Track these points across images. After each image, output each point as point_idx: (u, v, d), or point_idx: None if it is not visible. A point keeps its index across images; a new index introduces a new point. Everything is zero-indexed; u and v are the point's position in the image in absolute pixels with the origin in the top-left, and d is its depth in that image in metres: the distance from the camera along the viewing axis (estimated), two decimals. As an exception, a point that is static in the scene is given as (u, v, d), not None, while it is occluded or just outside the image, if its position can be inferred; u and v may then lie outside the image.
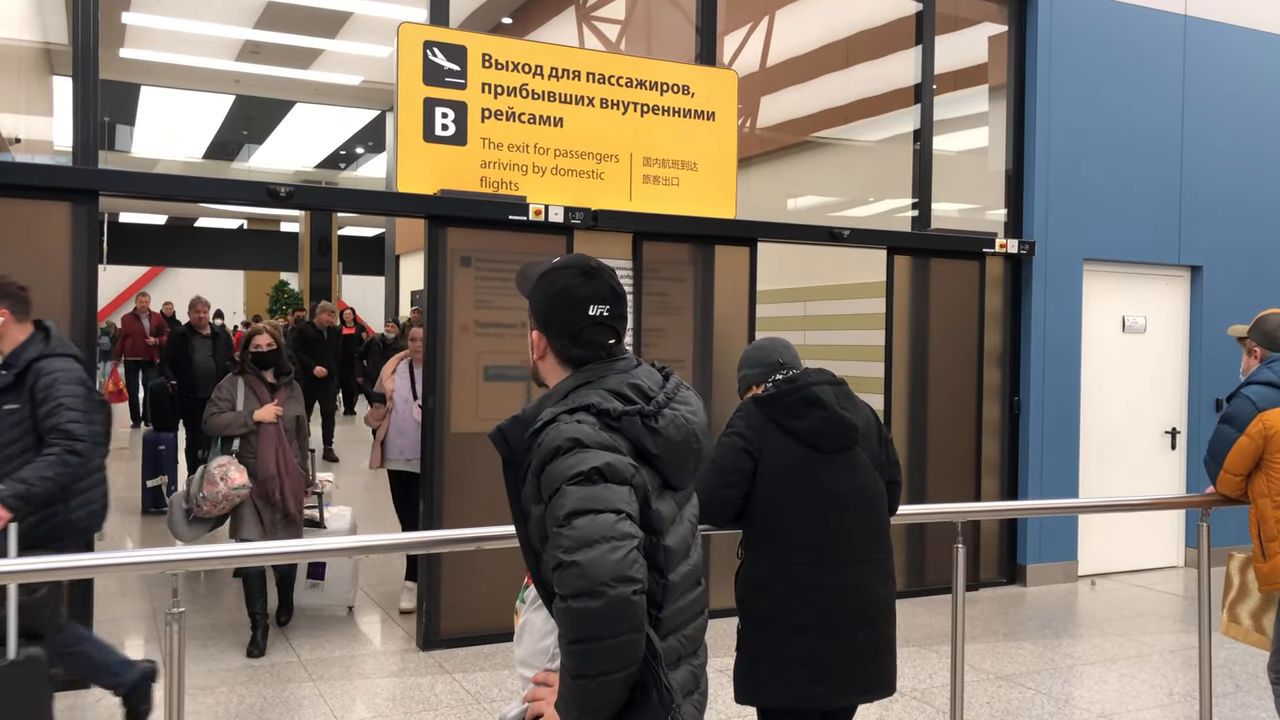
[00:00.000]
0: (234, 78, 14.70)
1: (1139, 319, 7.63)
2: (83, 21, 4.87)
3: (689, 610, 1.98)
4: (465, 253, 5.62)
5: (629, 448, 1.84)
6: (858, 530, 2.89)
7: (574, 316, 1.95)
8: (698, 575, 2.02)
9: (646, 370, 2.01)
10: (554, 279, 1.99)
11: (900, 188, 7.42)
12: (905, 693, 4.93)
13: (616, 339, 1.99)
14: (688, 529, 2.00)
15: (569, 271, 1.98)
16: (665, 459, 1.89)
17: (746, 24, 9.28)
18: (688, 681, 1.95)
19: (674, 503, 1.95)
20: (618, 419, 1.84)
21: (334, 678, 5.04)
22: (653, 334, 6.06)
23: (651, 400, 1.91)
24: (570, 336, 1.95)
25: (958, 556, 3.67)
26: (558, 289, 1.97)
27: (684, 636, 1.95)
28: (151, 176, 5.31)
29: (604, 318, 1.95)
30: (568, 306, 1.95)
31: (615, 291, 1.99)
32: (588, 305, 1.94)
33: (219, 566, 6.48)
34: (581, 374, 1.95)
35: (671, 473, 1.91)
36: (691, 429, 1.93)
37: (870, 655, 2.85)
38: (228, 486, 5.09)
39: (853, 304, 8.52)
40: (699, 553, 2.05)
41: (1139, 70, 7.50)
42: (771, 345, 3.14)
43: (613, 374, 1.94)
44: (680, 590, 1.93)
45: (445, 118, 5.54)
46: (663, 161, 6.05)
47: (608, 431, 1.83)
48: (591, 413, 1.84)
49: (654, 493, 1.88)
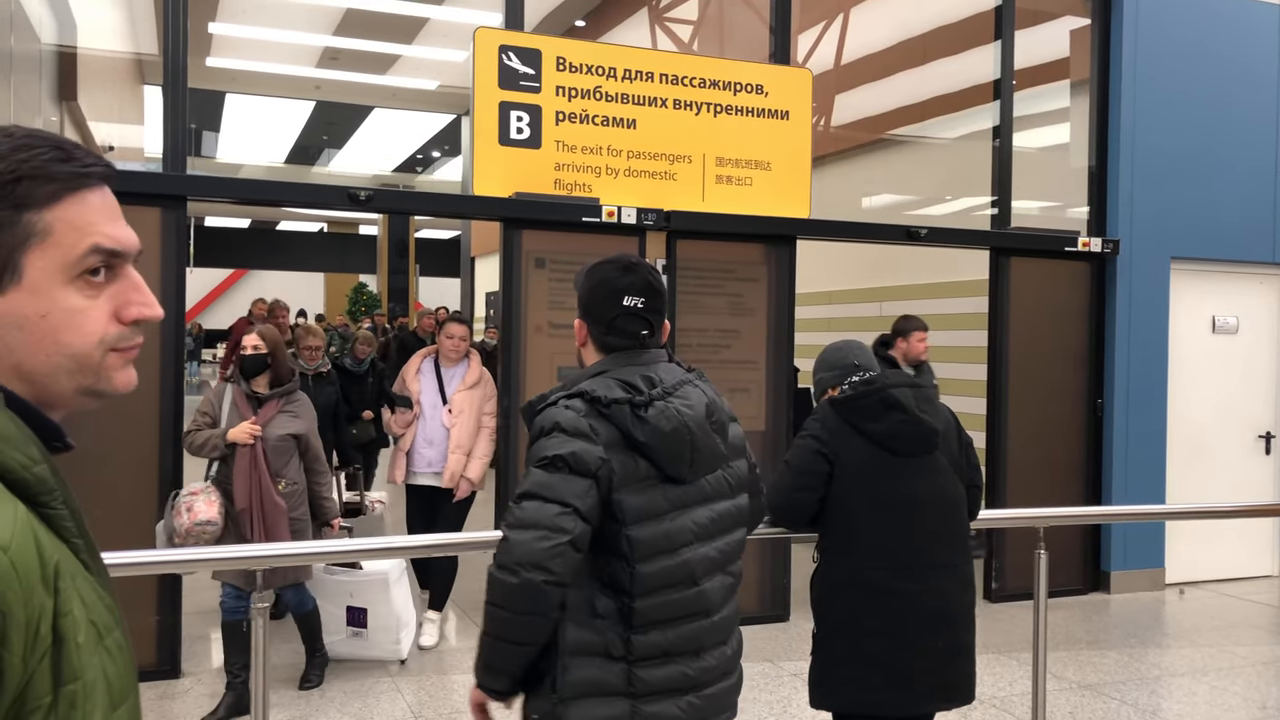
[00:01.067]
0: (314, 84, 15.05)
1: (1230, 319, 7.37)
2: (172, 32, 5.03)
3: (681, 607, 1.97)
4: (539, 254, 5.67)
5: (617, 435, 1.93)
6: (936, 535, 2.84)
7: (611, 306, 2.07)
8: (694, 575, 1.99)
9: (669, 366, 2.10)
10: (596, 272, 2.13)
11: (979, 185, 7.28)
12: (985, 700, 4.83)
13: (650, 330, 2.10)
14: (683, 526, 1.99)
15: (610, 266, 2.13)
16: (654, 448, 1.95)
17: (821, 22, 9.21)
18: (674, 681, 1.96)
19: (665, 497, 1.98)
20: (608, 406, 1.94)
21: (411, 674, 5.12)
22: (729, 335, 6.04)
23: (655, 390, 1.99)
24: (606, 324, 2.08)
25: (1040, 563, 3.59)
26: (598, 280, 2.11)
27: (676, 634, 1.96)
28: (237, 181, 5.46)
29: (638, 309, 2.08)
30: (606, 297, 2.09)
31: (651, 286, 2.10)
32: (623, 296, 2.07)
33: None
34: (605, 361, 2.08)
35: (665, 463, 1.97)
36: (683, 420, 1.98)
37: (949, 661, 2.81)
38: (190, 520, 4.26)
39: (929, 304, 8.40)
40: (715, 556, 2.03)
41: (1229, 62, 7.25)
42: (847, 348, 3.10)
43: (633, 364, 2.05)
44: (661, 584, 1.95)
45: (520, 121, 5.59)
46: (736, 161, 6.02)
47: (597, 418, 1.93)
48: (585, 399, 1.96)
49: (633, 483, 1.94)
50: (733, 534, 2.11)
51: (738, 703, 2.15)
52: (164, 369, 4.95)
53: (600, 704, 1.92)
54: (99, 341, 0.96)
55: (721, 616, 2.05)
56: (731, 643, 2.10)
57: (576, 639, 1.94)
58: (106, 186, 1.00)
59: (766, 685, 5.02)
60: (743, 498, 2.17)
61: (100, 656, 0.89)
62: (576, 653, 1.94)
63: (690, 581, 1.99)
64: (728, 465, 2.11)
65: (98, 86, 9.36)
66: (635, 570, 1.93)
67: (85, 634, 0.87)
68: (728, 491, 2.10)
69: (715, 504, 2.06)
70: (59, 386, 0.96)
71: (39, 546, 0.85)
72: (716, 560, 2.05)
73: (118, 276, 0.99)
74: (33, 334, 0.94)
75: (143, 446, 4.92)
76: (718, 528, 2.06)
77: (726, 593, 2.07)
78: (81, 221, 0.95)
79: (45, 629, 0.84)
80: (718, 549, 2.05)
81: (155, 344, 4.91)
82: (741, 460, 2.19)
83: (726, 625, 2.07)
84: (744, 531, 2.18)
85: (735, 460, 2.15)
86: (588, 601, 1.95)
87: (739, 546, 2.15)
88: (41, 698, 0.83)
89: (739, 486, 2.15)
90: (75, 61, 8.19)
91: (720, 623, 2.04)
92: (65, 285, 0.95)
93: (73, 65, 8.10)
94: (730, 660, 2.08)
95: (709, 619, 2.01)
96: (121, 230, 0.99)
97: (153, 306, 1.00)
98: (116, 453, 4.83)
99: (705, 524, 2.03)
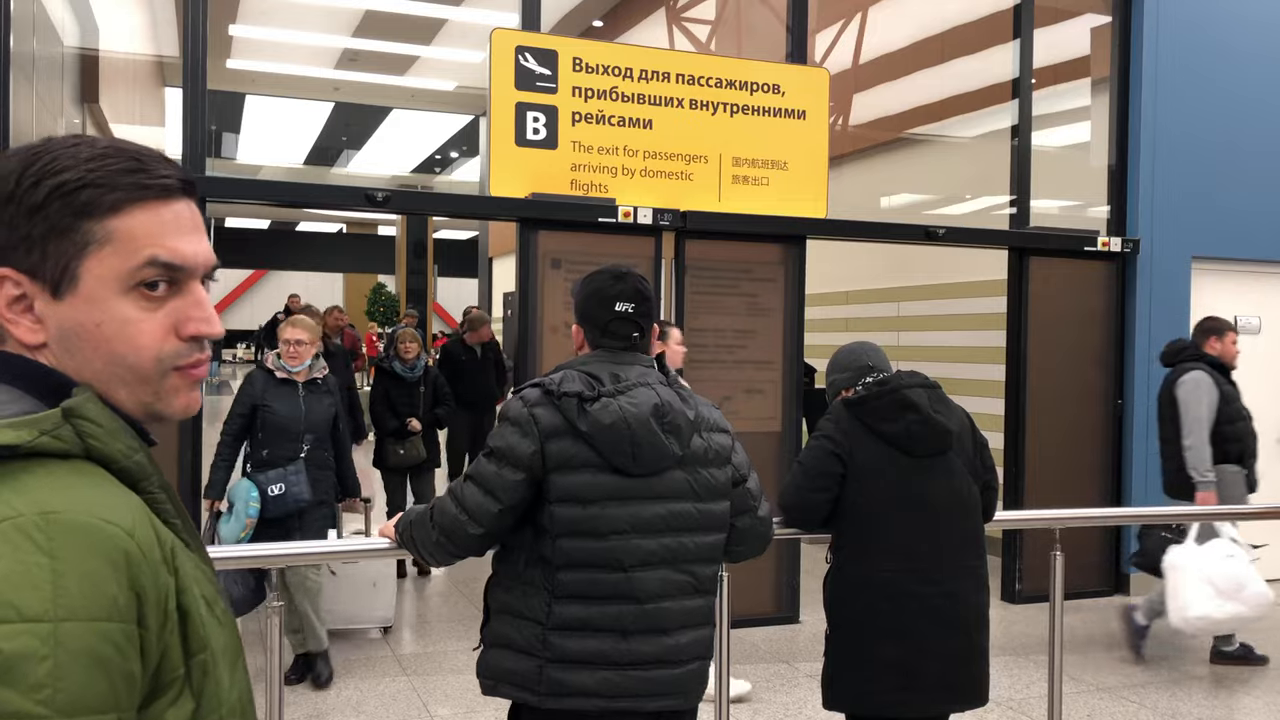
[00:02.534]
0: (333, 85, 15.11)
1: (1253, 319, 7.30)
2: (192, 33, 5.06)
3: (605, 587, 2.13)
4: (556, 255, 5.67)
5: (564, 423, 2.13)
6: (950, 536, 2.83)
7: (605, 311, 2.28)
8: (622, 562, 2.13)
9: (641, 369, 2.26)
10: (590, 282, 2.34)
11: (998, 185, 7.24)
12: (1001, 702, 4.81)
13: (640, 333, 2.30)
14: (621, 515, 2.14)
15: (603, 275, 2.33)
16: (595, 438, 2.13)
17: (839, 21, 9.18)
18: (592, 654, 2.12)
19: (607, 485, 2.13)
20: (559, 399, 2.15)
21: (427, 673, 5.14)
22: (744, 335, 6.04)
23: (609, 388, 2.17)
24: (600, 328, 2.29)
25: (1056, 564, 3.57)
26: (592, 289, 2.32)
27: (598, 611, 2.13)
28: (258, 183, 5.49)
29: (629, 314, 2.28)
30: (600, 304, 2.29)
31: (641, 293, 2.30)
32: (614, 302, 2.28)
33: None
34: (591, 355, 2.28)
35: (606, 452, 2.13)
36: (622, 416, 2.13)
37: (962, 663, 2.79)
38: None
39: (947, 304, 8.36)
40: (656, 550, 2.16)
41: (1251, 59, 7.18)
42: (860, 349, 3.09)
43: (607, 362, 2.25)
44: (583, 561, 2.12)
45: (536, 122, 5.60)
46: (752, 161, 6.01)
47: (547, 407, 2.15)
48: (542, 389, 2.18)
49: (572, 467, 2.13)
50: (696, 536, 2.22)
51: (698, 693, 2.27)
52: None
53: (511, 657, 2.16)
54: (156, 356, 0.96)
55: (657, 607, 2.16)
56: (677, 635, 2.19)
57: (500, 600, 2.23)
58: (186, 199, 0.99)
59: (782, 686, 5.01)
60: (718, 504, 2.27)
61: (213, 625, 0.95)
62: (499, 611, 2.22)
63: (617, 566, 2.14)
64: (695, 470, 2.22)
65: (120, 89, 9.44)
66: (556, 544, 2.13)
67: (202, 607, 0.93)
68: (691, 494, 2.22)
69: (671, 503, 2.19)
70: (118, 397, 0.97)
71: (155, 529, 0.91)
72: (659, 554, 2.17)
73: (181, 291, 0.98)
74: (88, 341, 0.95)
75: (163, 447, 4.96)
76: (668, 525, 2.18)
77: (671, 587, 2.18)
78: (142, 232, 0.95)
79: (171, 606, 0.89)
80: (663, 545, 2.18)
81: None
82: (723, 469, 2.29)
83: (665, 616, 2.18)
84: (716, 538, 2.28)
85: (709, 467, 2.25)
86: (516, 568, 2.19)
87: (705, 550, 2.25)
88: (176, 669, 0.89)
89: (713, 493, 2.26)
90: (97, 64, 8.26)
91: (654, 612, 2.16)
92: (121, 295, 0.95)
93: (95, 68, 8.17)
94: (674, 650, 2.19)
95: (637, 605, 2.14)
96: (188, 244, 0.98)
97: (212, 324, 1.00)
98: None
99: (651, 519, 2.17)
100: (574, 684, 2.11)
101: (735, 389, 6.03)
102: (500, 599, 2.23)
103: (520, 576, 2.18)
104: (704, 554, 2.24)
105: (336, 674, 5.01)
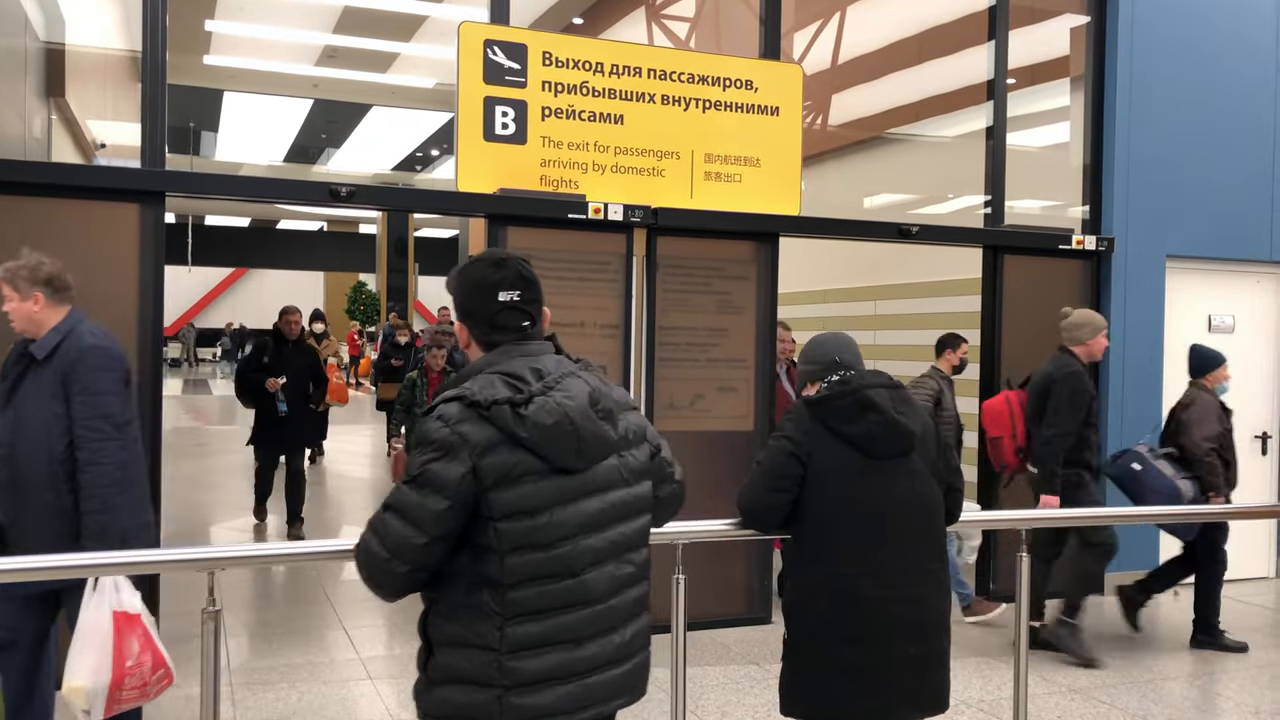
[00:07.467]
0: (313, 82, 15.01)
1: (1226, 318, 7.30)
2: (151, 25, 4.97)
3: (559, 598, 2.00)
4: (525, 252, 5.57)
5: (499, 435, 1.95)
6: (911, 539, 2.77)
7: (489, 303, 2.12)
8: (573, 567, 2.01)
9: (556, 359, 2.12)
10: (467, 272, 2.16)
11: (976, 184, 7.21)
12: (972, 704, 4.76)
13: (531, 321, 2.15)
14: (568, 518, 2.01)
15: (480, 264, 2.16)
16: (538, 442, 1.97)
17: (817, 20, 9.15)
18: (552, 670, 2.00)
19: (553, 490, 2.00)
20: (488, 408, 1.96)
21: (392, 676, 5.06)
22: (716, 333, 5.98)
23: (537, 385, 2.02)
24: (487, 322, 2.12)
25: (1022, 565, 3.53)
26: (471, 280, 2.15)
27: (553, 624, 2.00)
28: (217, 177, 5.40)
29: (515, 302, 2.12)
30: (481, 295, 2.12)
31: (524, 278, 2.14)
32: (497, 291, 2.11)
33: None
34: (490, 355, 2.10)
35: (551, 455, 1.99)
36: (564, 412, 2.00)
37: (921, 669, 2.74)
38: None
39: (924, 303, 8.33)
40: (603, 546, 2.06)
41: (1228, 58, 7.18)
42: (833, 342, 2.99)
43: (519, 356, 2.09)
44: (535, 574, 1.98)
45: (505, 116, 5.53)
46: (725, 158, 5.96)
47: (475, 421, 1.96)
48: (465, 403, 1.98)
49: (514, 479, 1.96)
50: (631, 522, 2.13)
51: (645, 684, 2.19)
52: (141, 367, 4.88)
53: (464, 691, 1.99)
54: None
55: (608, 606, 2.07)
56: (624, 630, 2.11)
57: (445, 631, 2.03)
58: None
59: (752, 688, 4.95)
60: (643, 486, 2.17)
61: None
62: (444, 643, 2.03)
63: (568, 573, 2.01)
64: (621, 454, 2.12)
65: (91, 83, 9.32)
66: (505, 562, 1.96)
67: None
68: (622, 481, 2.11)
69: (608, 494, 2.08)
70: None
71: None
72: (605, 550, 2.07)
73: None
74: None
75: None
76: (609, 517, 2.08)
77: (617, 582, 2.09)
78: None
79: None
80: (608, 539, 2.07)
81: (133, 342, 4.86)
82: (641, 448, 2.19)
83: (614, 614, 2.09)
84: (646, 519, 2.19)
85: (632, 448, 2.15)
86: (460, 595, 2.00)
87: (640, 535, 2.16)
88: None
89: (639, 474, 2.16)
90: (64, 58, 8.14)
91: (605, 612, 2.07)
92: None
93: (61, 62, 8.05)
94: (622, 647, 2.11)
95: (589, 609, 2.04)
96: None
97: None
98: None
99: (595, 514, 2.05)
100: (537, 707, 1.99)
101: (707, 387, 5.97)
102: (444, 630, 2.03)
103: (464, 603, 2.00)
104: (640, 539, 2.17)
105: (298, 678, 4.93)
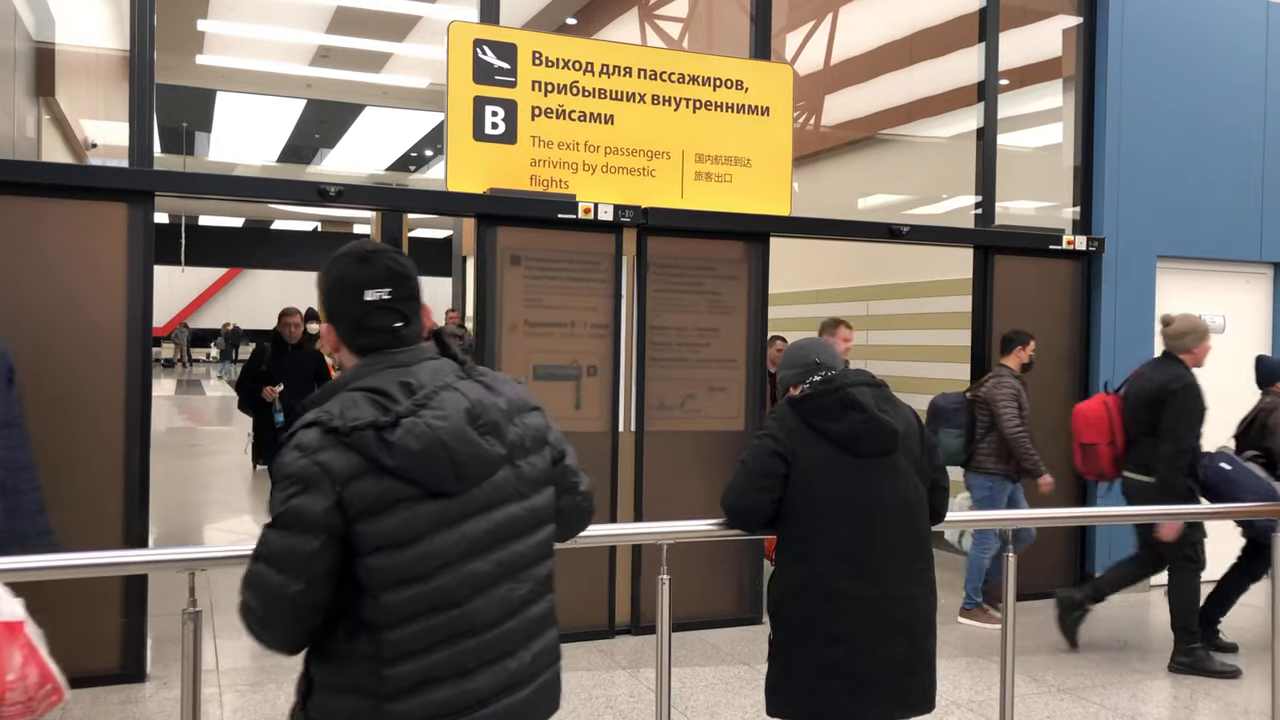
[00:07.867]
0: (306, 82, 14.97)
1: (1217, 318, 7.31)
2: (139, 25, 4.96)
3: (441, 632, 1.81)
4: (515, 251, 5.60)
5: (363, 463, 1.75)
6: (896, 538, 2.77)
7: (354, 303, 1.90)
8: (454, 598, 1.82)
9: (434, 366, 1.91)
10: (331, 268, 1.94)
11: (968, 185, 7.22)
12: (960, 704, 4.76)
13: (406, 321, 1.93)
14: (446, 544, 1.81)
15: (345, 259, 1.94)
16: (407, 470, 1.77)
17: (810, 21, 9.15)
18: (439, 706, 1.81)
19: (428, 516, 1.79)
20: (348, 435, 1.75)
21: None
22: (707, 333, 5.98)
23: (406, 405, 1.80)
24: (354, 324, 1.91)
25: (1008, 565, 3.53)
26: (334, 278, 1.93)
27: (432, 662, 1.80)
28: (205, 177, 5.39)
29: (385, 301, 1.90)
30: (345, 293, 1.91)
31: (394, 273, 1.92)
32: (363, 290, 1.90)
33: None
34: (361, 365, 1.90)
35: (423, 481, 1.78)
36: (435, 436, 1.78)
37: (907, 669, 2.73)
38: None
39: (916, 303, 8.34)
40: (489, 570, 1.86)
41: (1217, 60, 7.19)
42: (810, 345, 3.02)
43: (388, 368, 1.87)
44: (413, 611, 1.79)
45: (495, 116, 5.52)
46: (715, 158, 5.96)
47: (336, 449, 1.75)
48: (322, 429, 1.76)
49: (384, 508, 1.76)
50: (525, 539, 1.94)
51: (557, 700, 2.01)
52: (130, 366, 4.88)
53: None
54: None
55: (499, 632, 1.88)
56: (523, 653, 1.92)
57: (320, 674, 1.85)
58: None
59: (742, 689, 4.95)
60: (542, 495, 1.98)
61: None
62: (320, 687, 1.85)
63: (450, 604, 1.82)
64: (514, 464, 1.91)
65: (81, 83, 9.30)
66: (379, 600, 1.76)
67: None
68: (514, 494, 1.91)
69: (494, 512, 1.88)
70: None
71: None
72: (492, 574, 1.87)
73: None
74: None
75: (110, 445, 4.85)
76: (497, 538, 1.88)
77: (510, 605, 1.90)
78: None
79: None
80: (495, 560, 1.87)
81: (121, 341, 4.85)
82: (541, 453, 1.99)
83: (508, 638, 1.90)
84: (547, 532, 2.00)
85: (528, 456, 1.95)
86: (335, 638, 1.81)
87: (538, 550, 1.97)
88: None
89: (536, 483, 1.96)
90: (53, 57, 8.13)
91: (496, 639, 1.88)
92: None
93: (51, 61, 8.04)
94: (520, 673, 1.92)
95: (476, 639, 1.85)
96: None
97: None
98: (82, 451, 4.77)
99: (479, 537, 1.85)
100: None
101: (698, 387, 5.97)
102: (321, 673, 1.85)
103: (337, 651, 1.82)
104: (540, 554, 1.98)
105: (286, 680, 4.92)
